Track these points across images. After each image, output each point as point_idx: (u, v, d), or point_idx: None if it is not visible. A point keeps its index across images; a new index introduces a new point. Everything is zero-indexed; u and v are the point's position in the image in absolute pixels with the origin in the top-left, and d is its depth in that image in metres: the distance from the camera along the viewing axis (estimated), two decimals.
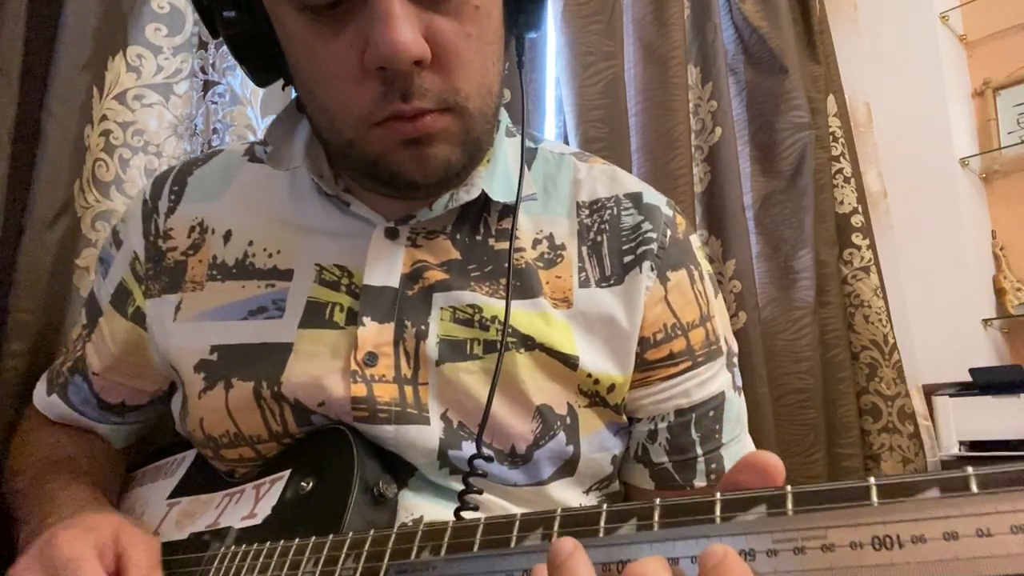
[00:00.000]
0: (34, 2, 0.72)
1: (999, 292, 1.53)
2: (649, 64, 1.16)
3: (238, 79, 0.89)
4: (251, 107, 0.90)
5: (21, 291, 0.69)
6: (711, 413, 0.55)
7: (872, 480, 0.25)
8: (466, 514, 0.44)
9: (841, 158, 1.35)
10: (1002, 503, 0.23)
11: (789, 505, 0.26)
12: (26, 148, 0.71)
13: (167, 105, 0.85)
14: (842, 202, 1.34)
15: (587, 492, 0.55)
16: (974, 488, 0.23)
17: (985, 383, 1.31)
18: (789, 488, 0.27)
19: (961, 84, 1.62)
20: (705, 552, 0.26)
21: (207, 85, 0.88)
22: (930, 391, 1.38)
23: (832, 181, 1.34)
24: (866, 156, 1.43)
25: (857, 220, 1.33)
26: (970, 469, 0.24)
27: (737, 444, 0.56)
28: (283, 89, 0.53)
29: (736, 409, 0.57)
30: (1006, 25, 1.59)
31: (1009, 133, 1.56)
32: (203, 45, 0.88)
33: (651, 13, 1.17)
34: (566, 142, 1.12)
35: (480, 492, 0.47)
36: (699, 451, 0.54)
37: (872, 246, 1.33)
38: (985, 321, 1.48)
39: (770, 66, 1.27)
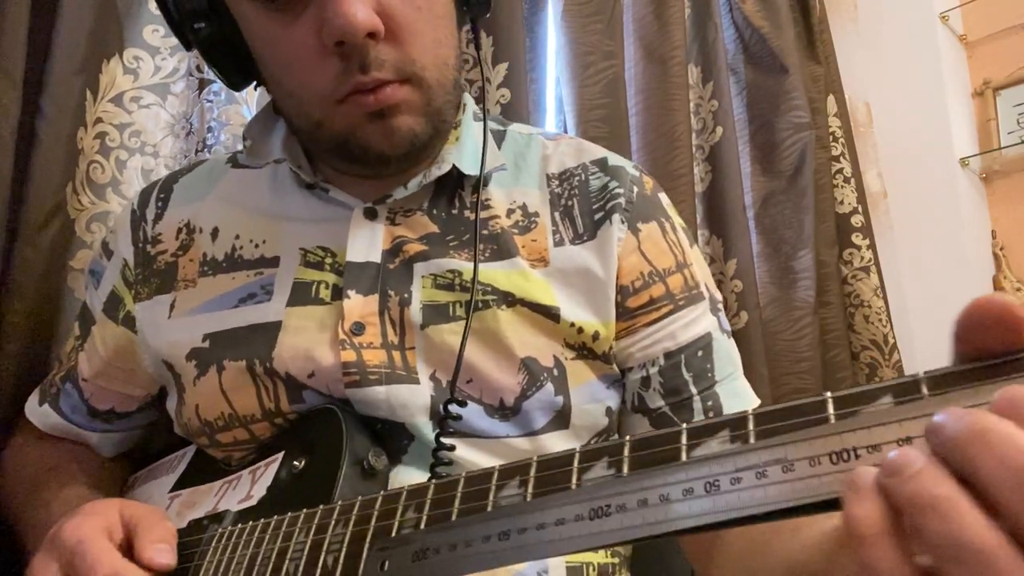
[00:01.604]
0: (36, 4, 0.72)
1: (999, 292, 1.53)
2: (649, 64, 1.15)
3: None
4: (246, 106, 0.90)
5: (14, 293, 0.69)
6: (700, 353, 0.56)
7: (828, 395, 0.26)
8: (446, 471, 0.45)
9: (841, 158, 1.35)
10: (952, 402, 0.23)
11: (750, 426, 0.27)
12: (21, 150, 0.71)
13: (164, 105, 0.84)
14: (842, 202, 1.34)
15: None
16: (925, 391, 0.24)
17: None
18: (750, 411, 0.28)
19: (961, 84, 1.62)
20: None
21: (202, 84, 0.88)
22: None
23: (832, 181, 1.33)
24: (866, 156, 1.43)
25: (857, 220, 1.33)
26: (921, 373, 0.25)
27: (733, 382, 0.57)
28: (255, 89, 0.56)
29: (726, 349, 0.58)
30: (1006, 25, 1.59)
31: (1009, 133, 1.56)
32: None
33: (651, 13, 1.17)
34: None
35: (452, 448, 0.48)
36: (693, 390, 0.55)
37: (872, 246, 1.33)
38: None
39: (770, 66, 1.27)
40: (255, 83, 0.56)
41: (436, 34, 0.49)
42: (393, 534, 0.35)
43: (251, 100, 0.90)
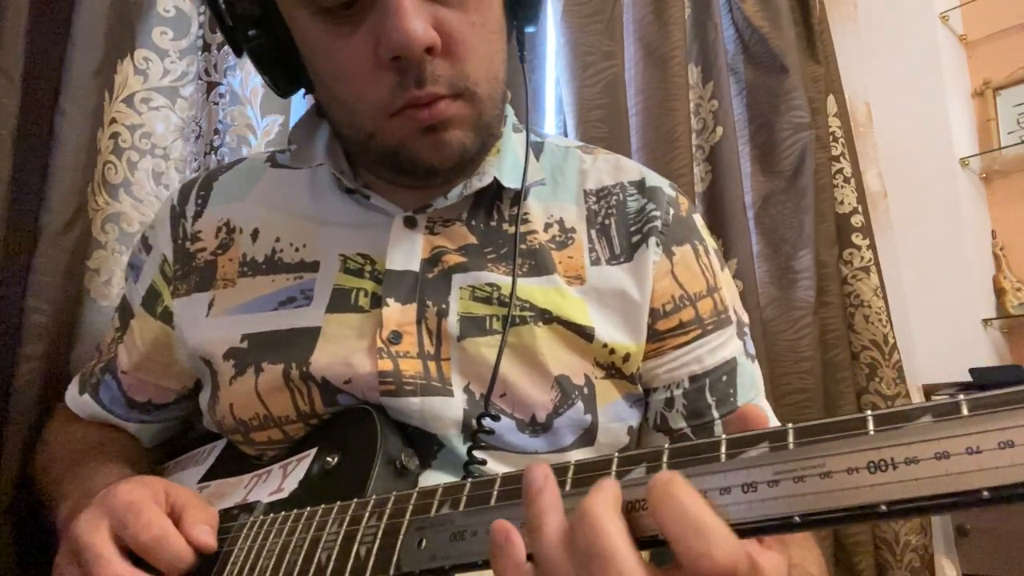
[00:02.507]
0: (38, 3, 0.72)
1: (999, 292, 1.53)
2: (649, 64, 1.16)
3: (237, 79, 0.89)
4: (250, 106, 0.90)
5: (38, 294, 0.69)
6: (724, 378, 0.56)
7: (868, 412, 0.27)
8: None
9: (841, 158, 1.35)
10: (991, 422, 0.24)
11: (790, 439, 0.27)
12: (34, 150, 0.71)
13: (174, 108, 0.85)
14: (842, 202, 1.34)
15: None
16: (965, 411, 0.25)
17: (985, 383, 1.31)
18: (790, 425, 0.28)
19: (961, 84, 1.62)
20: (654, 477, 0.28)
21: (210, 87, 0.88)
22: (930, 391, 1.39)
23: (832, 181, 1.34)
24: (866, 156, 1.43)
25: (857, 220, 1.33)
26: (962, 396, 0.25)
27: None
28: (304, 97, 0.56)
29: (749, 374, 0.58)
30: (1006, 25, 1.59)
31: (1009, 133, 1.56)
32: (207, 47, 0.88)
33: (651, 13, 1.17)
34: None
35: (484, 463, 0.49)
36: (715, 414, 0.55)
37: (872, 246, 1.33)
38: (985, 321, 1.48)
39: (770, 66, 1.27)
40: (303, 91, 0.56)
41: (489, 49, 0.50)
42: None
43: (255, 101, 0.90)
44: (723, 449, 0.29)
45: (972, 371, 1.33)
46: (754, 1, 1.28)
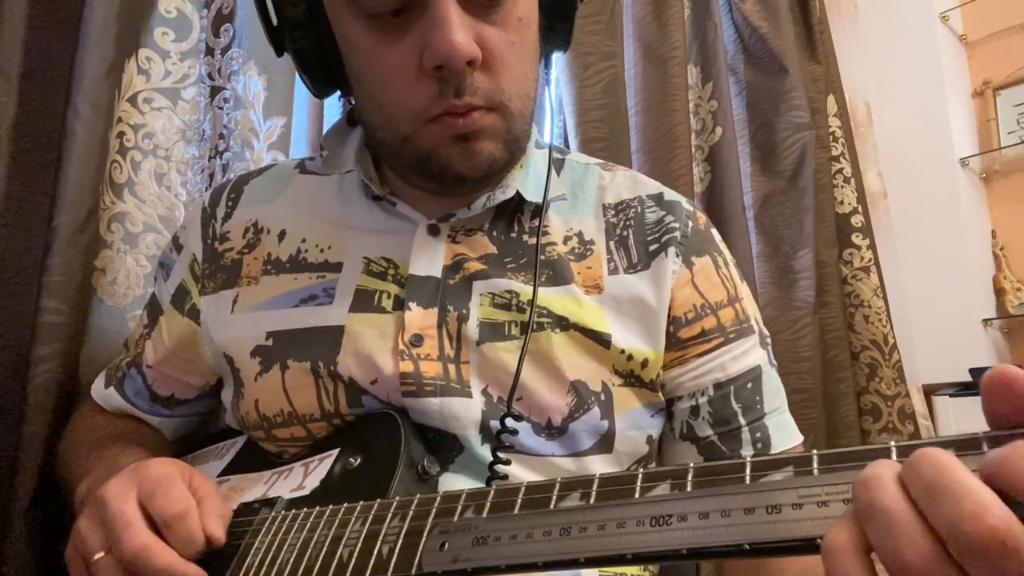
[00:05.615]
0: (36, 2, 0.72)
1: (999, 292, 1.53)
2: (649, 64, 1.16)
3: (240, 83, 0.90)
4: (253, 111, 0.90)
5: (53, 294, 0.69)
6: (749, 385, 0.57)
7: (892, 443, 0.27)
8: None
9: (841, 158, 1.35)
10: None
11: (815, 465, 0.28)
12: (41, 149, 0.71)
13: (175, 110, 0.85)
14: (842, 202, 1.34)
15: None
16: (985, 448, 0.26)
17: None
18: (815, 452, 0.29)
19: (961, 84, 1.62)
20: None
21: (214, 91, 0.88)
22: (930, 391, 1.39)
23: (832, 181, 1.34)
24: (866, 156, 1.43)
25: (857, 220, 1.33)
26: (981, 432, 0.26)
27: (780, 415, 0.58)
28: (339, 100, 0.59)
29: (775, 382, 0.59)
30: (1006, 25, 1.59)
31: (1009, 133, 1.56)
32: (210, 51, 0.89)
33: (651, 13, 1.17)
34: (566, 142, 1.12)
35: (508, 463, 0.50)
36: (742, 421, 0.56)
37: (872, 246, 1.33)
38: (985, 321, 1.48)
39: (770, 66, 1.27)
40: (339, 94, 0.58)
41: (524, 67, 0.52)
42: None
43: (258, 105, 0.91)
44: (747, 471, 0.29)
45: (972, 371, 1.33)
46: (754, 1, 1.28)
